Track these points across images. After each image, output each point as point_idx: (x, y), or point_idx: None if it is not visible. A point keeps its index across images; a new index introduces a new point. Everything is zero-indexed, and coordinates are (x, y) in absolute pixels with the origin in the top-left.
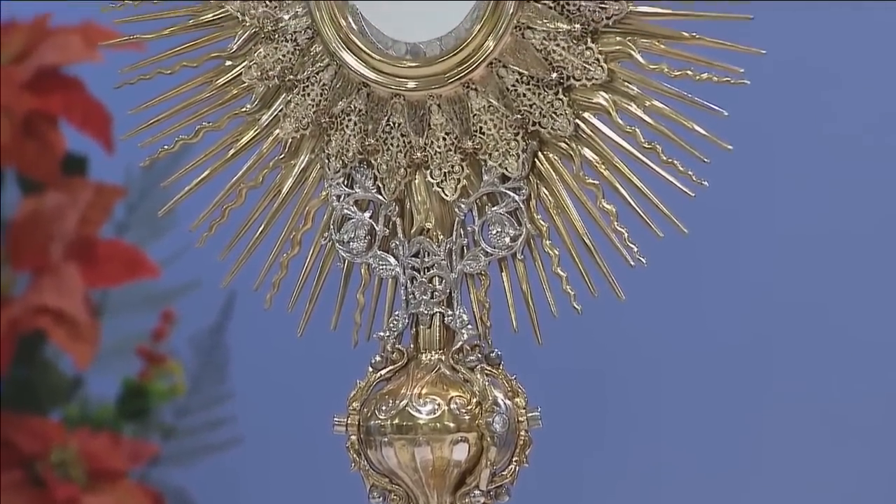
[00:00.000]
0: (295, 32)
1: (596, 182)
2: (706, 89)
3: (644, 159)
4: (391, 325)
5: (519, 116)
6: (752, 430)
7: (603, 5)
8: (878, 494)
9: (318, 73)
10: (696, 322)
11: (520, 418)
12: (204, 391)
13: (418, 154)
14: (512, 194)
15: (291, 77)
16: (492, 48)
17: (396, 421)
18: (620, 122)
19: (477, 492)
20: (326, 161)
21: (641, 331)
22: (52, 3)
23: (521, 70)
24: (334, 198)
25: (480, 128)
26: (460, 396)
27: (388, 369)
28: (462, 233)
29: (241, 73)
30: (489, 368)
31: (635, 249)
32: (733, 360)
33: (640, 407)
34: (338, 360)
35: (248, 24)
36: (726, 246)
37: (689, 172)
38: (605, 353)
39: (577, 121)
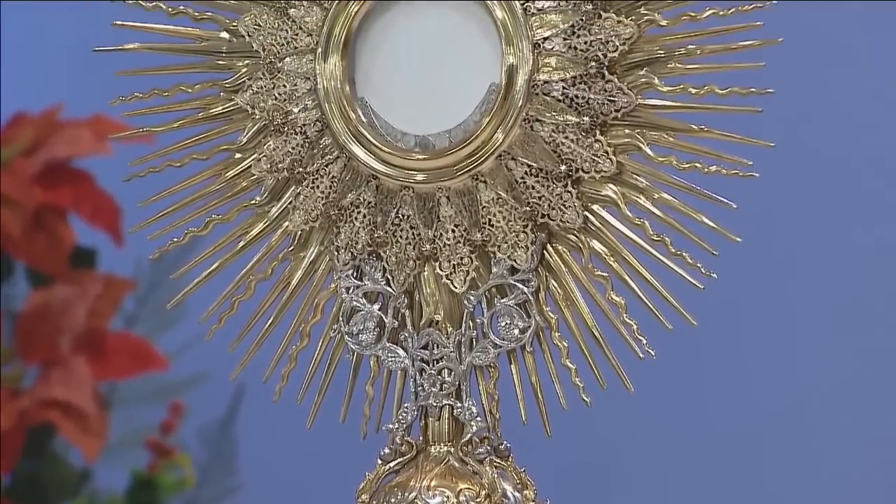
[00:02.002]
0: (304, 125)
1: (605, 274)
2: (715, 182)
3: (653, 251)
4: (400, 417)
5: (528, 209)
6: None
7: (611, 98)
8: None
9: (327, 166)
10: (706, 414)
11: None
12: (213, 483)
13: (427, 246)
14: (521, 286)
15: (301, 169)
16: (501, 141)
17: None
18: (629, 214)
19: None
20: (336, 253)
21: (651, 423)
22: (63, 95)
23: (529, 162)
24: (343, 290)
25: (489, 220)
26: (469, 489)
27: (397, 461)
28: (471, 325)
29: (250, 166)
30: (498, 461)
31: (644, 342)
32: (741, 454)
33: (648, 500)
34: (347, 453)
35: (257, 116)
36: (736, 338)
37: (698, 264)
38: (615, 445)
39: (585, 213)
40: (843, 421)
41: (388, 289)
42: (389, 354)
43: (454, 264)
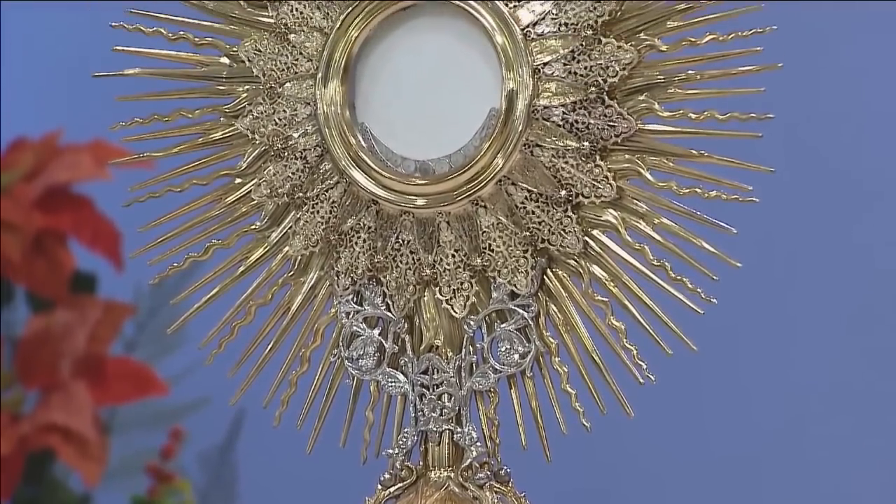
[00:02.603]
0: (304, 150)
1: (605, 299)
2: (715, 207)
3: (653, 276)
4: (400, 442)
5: (528, 234)
6: None
7: (611, 123)
8: None
9: (327, 191)
10: (706, 439)
11: None
12: None
13: (427, 271)
14: (521, 311)
15: (301, 194)
16: (500, 166)
17: None
18: (629, 239)
19: None
20: (336, 278)
21: (651, 448)
22: (63, 120)
23: (529, 187)
24: (343, 315)
25: (489, 245)
26: None
27: (397, 486)
28: (471, 350)
29: (250, 191)
30: (498, 486)
31: (644, 367)
32: (742, 478)
33: None
34: (347, 478)
35: (257, 141)
36: (736, 363)
37: (698, 290)
38: (615, 470)
39: (585, 238)
40: (844, 446)
41: (388, 314)
42: (389, 379)
43: (454, 289)
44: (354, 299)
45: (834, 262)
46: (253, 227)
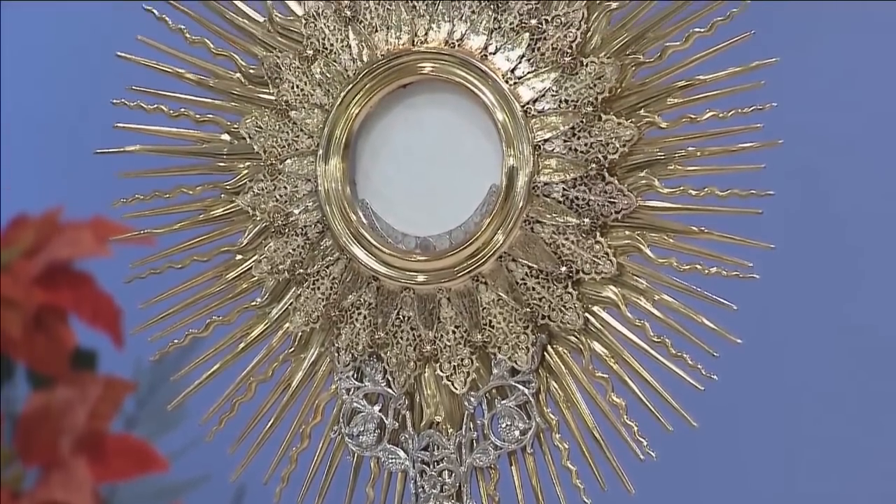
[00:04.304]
0: (305, 227)
1: (605, 375)
2: (715, 283)
3: (653, 353)
4: None
5: (528, 310)
6: None
7: (612, 200)
8: None
9: (328, 267)
10: None
11: None
12: None
13: (428, 347)
14: (521, 387)
15: (301, 271)
16: (501, 242)
17: None
18: (630, 315)
19: None
20: (336, 354)
21: None
22: (64, 197)
23: (530, 264)
24: (344, 391)
25: (490, 321)
26: None
27: None
28: (472, 426)
29: (251, 267)
30: None
31: (645, 443)
32: None
33: None
34: None
35: (258, 218)
36: (736, 440)
37: (699, 366)
38: None
39: (586, 314)
40: None
41: (389, 390)
42: (390, 456)
43: (455, 365)
44: (355, 375)
45: (835, 338)
46: (253, 303)
